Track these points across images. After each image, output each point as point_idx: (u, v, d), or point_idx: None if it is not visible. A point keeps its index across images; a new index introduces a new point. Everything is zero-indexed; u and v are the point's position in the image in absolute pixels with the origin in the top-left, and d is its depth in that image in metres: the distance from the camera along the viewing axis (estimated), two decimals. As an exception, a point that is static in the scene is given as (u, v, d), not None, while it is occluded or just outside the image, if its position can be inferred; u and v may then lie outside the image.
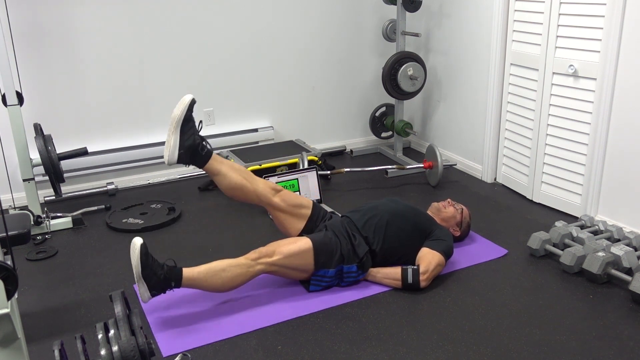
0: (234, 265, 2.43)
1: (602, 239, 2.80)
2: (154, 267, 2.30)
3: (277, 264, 2.47)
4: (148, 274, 2.28)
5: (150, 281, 2.29)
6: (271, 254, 2.47)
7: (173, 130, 2.38)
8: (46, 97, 3.66)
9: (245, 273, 2.44)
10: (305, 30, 4.27)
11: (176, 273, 2.35)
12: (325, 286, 2.59)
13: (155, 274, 2.29)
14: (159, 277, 2.31)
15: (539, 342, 2.23)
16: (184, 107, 2.41)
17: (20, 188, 3.41)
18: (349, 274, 2.59)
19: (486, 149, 3.87)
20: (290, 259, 2.48)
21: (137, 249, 2.26)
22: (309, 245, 2.51)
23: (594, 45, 3.00)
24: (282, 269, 2.50)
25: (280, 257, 2.46)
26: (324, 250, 2.53)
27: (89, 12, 3.62)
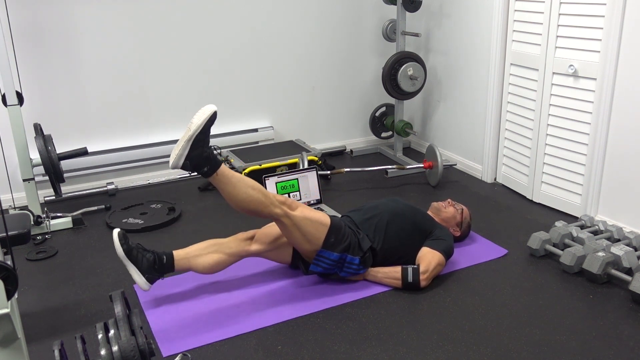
0: (263, 192, 2.39)
1: (602, 239, 2.80)
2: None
3: (293, 219, 2.44)
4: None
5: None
6: (294, 208, 2.47)
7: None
8: (46, 97, 3.66)
9: (265, 204, 2.38)
10: (305, 30, 4.27)
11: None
12: (324, 268, 2.57)
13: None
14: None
15: (539, 342, 2.23)
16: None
17: (20, 188, 3.42)
18: (351, 265, 2.58)
19: (486, 149, 3.87)
20: (306, 222, 2.47)
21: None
22: (328, 221, 2.52)
23: (594, 45, 3.00)
24: (293, 227, 2.46)
25: (299, 214, 2.46)
26: (337, 233, 2.53)
27: (89, 12, 3.63)
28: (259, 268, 2.80)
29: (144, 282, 2.35)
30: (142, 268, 2.35)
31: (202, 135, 2.25)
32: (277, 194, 2.52)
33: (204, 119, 2.25)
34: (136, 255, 2.36)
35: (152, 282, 2.40)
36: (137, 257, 2.36)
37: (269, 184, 3.24)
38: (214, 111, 2.28)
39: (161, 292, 2.60)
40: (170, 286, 2.65)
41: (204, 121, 2.24)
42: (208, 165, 2.28)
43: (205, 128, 2.26)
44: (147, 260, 2.37)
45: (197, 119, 2.26)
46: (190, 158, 2.26)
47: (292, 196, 3.31)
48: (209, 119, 2.25)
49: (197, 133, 2.23)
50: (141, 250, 2.40)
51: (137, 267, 2.34)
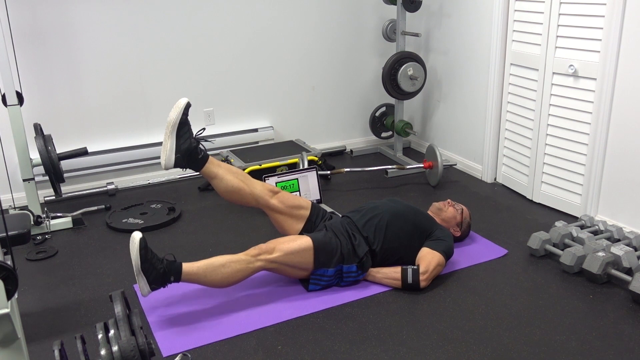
0: (234, 261, 2.43)
1: (602, 239, 2.80)
2: (153, 261, 2.30)
3: (277, 261, 2.47)
4: (147, 267, 2.28)
5: (150, 275, 2.29)
6: (271, 250, 2.48)
7: (169, 134, 2.37)
8: (46, 97, 3.66)
9: (244, 269, 2.44)
10: (305, 30, 4.27)
11: (176, 267, 2.36)
12: (324, 285, 2.59)
13: (154, 268, 2.30)
14: (159, 271, 2.31)
15: (539, 342, 2.23)
16: (179, 110, 2.39)
17: (20, 188, 3.42)
18: (349, 273, 2.59)
19: (486, 149, 3.87)
20: (290, 257, 2.48)
21: (136, 243, 2.26)
22: (309, 244, 2.51)
23: (594, 45, 3.00)
24: (281, 267, 2.50)
25: (280, 254, 2.46)
26: (324, 250, 2.53)
27: (89, 12, 3.63)
28: (259, 268, 2.80)
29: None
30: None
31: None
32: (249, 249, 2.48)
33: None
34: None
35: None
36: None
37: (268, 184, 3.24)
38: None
39: (161, 293, 2.59)
40: (170, 286, 2.63)
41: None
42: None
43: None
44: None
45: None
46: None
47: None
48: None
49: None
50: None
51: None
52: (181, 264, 2.38)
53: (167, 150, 2.34)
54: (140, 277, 2.29)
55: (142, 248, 2.27)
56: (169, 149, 2.35)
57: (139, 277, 2.29)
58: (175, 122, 2.37)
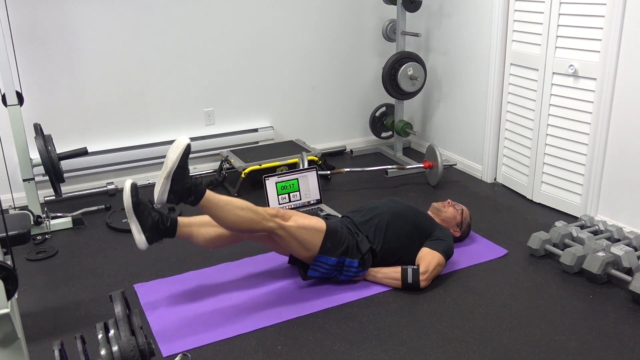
0: (252, 210, 2.39)
1: (602, 239, 2.80)
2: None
3: (288, 229, 2.45)
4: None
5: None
6: (287, 218, 2.48)
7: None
8: (46, 97, 3.66)
9: (257, 221, 2.39)
10: (305, 30, 4.27)
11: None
12: (323, 273, 2.58)
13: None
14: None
15: (539, 342, 2.23)
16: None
17: (20, 188, 3.42)
18: (350, 268, 2.58)
19: (486, 149, 3.87)
20: (301, 231, 2.47)
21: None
22: (323, 227, 2.51)
23: (594, 45, 3.00)
24: (289, 237, 2.47)
25: (293, 224, 2.46)
26: (333, 237, 2.53)
27: (89, 12, 3.63)
28: (259, 268, 2.80)
29: (142, 241, 2.29)
30: (144, 225, 2.29)
31: (180, 170, 2.25)
32: (268, 208, 2.50)
33: (178, 154, 2.24)
34: (142, 210, 2.29)
35: (150, 243, 2.32)
36: (143, 213, 2.29)
37: (269, 184, 3.24)
38: (187, 144, 2.26)
39: (161, 292, 2.60)
40: (170, 286, 2.65)
41: (179, 155, 2.23)
42: (192, 195, 2.28)
43: (182, 162, 2.24)
44: (152, 218, 2.31)
45: (172, 153, 2.25)
46: (173, 192, 2.26)
47: (292, 196, 3.31)
48: (183, 152, 2.24)
49: (175, 168, 2.23)
50: (148, 207, 2.33)
51: (139, 223, 2.28)
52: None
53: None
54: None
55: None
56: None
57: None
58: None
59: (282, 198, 3.28)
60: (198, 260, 2.89)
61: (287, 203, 3.29)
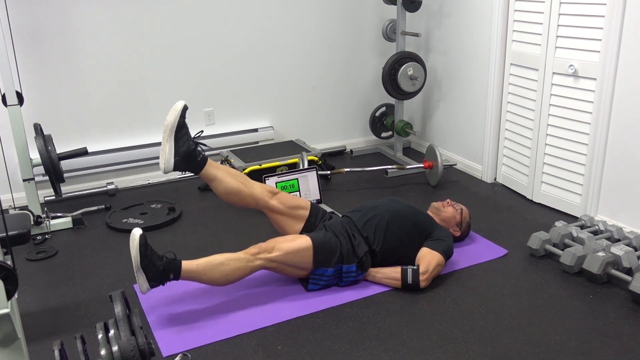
0: (233, 259, 2.43)
1: (602, 239, 2.80)
2: (153, 259, 2.30)
3: (276, 260, 2.47)
4: (147, 265, 2.28)
5: (149, 272, 2.29)
6: (270, 249, 2.48)
7: (167, 137, 2.35)
8: (46, 97, 3.66)
9: (244, 267, 2.44)
10: (305, 30, 4.27)
11: (175, 265, 2.36)
12: (323, 285, 2.59)
13: (154, 265, 2.30)
14: (158, 269, 2.32)
15: (539, 342, 2.23)
16: (177, 113, 2.38)
17: (20, 188, 3.42)
18: (349, 273, 2.59)
19: (486, 149, 3.87)
20: (290, 256, 2.48)
21: (136, 239, 2.26)
22: (309, 244, 2.51)
23: (594, 45, 3.00)
24: (280, 266, 2.50)
25: (279, 253, 2.47)
26: (323, 250, 2.53)
27: (89, 12, 3.63)
28: (259, 268, 2.80)
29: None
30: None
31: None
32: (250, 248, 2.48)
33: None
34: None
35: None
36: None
37: (268, 184, 3.24)
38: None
39: (161, 292, 2.59)
40: (170, 286, 2.64)
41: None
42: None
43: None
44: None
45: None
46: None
47: (292, 196, 3.31)
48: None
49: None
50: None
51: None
52: (181, 262, 2.38)
53: (166, 153, 2.33)
54: (139, 274, 2.29)
55: (142, 245, 2.27)
56: (168, 153, 2.34)
57: (138, 274, 2.29)
58: (173, 125, 2.36)
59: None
60: (198, 260, 2.89)
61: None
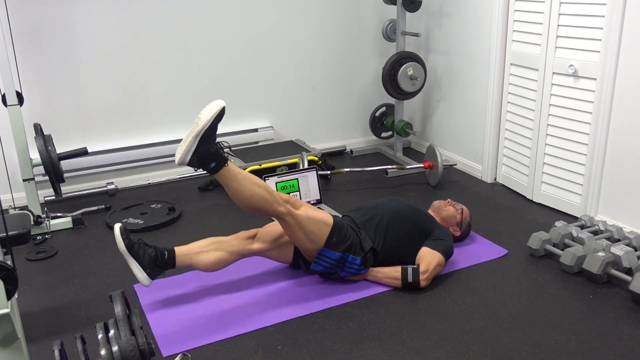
0: (268, 190, 2.38)
1: (602, 239, 2.80)
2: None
3: (297, 217, 2.44)
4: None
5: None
6: (298, 207, 2.47)
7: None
8: (46, 97, 3.66)
9: (270, 202, 2.37)
10: (306, 30, 4.27)
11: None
12: (326, 267, 2.57)
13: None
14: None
15: (539, 342, 2.23)
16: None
17: (20, 188, 3.41)
18: (352, 264, 2.58)
19: (486, 149, 3.87)
20: (309, 222, 2.46)
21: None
22: (330, 221, 2.52)
23: (594, 45, 3.00)
24: (296, 226, 2.46)
25: (302, 213, 2.45)
26: (339, 232, 2.53)
27: (89, 12, 3.63)
28: (259, 268, 2.80)
29: (145, 278, 2.34)
30: (143, 263, 2.33)
31: (210, 131, 2.22)
32: (282, 193, 2.51)
33: (212, 115, 2.21)
34: (137, 250, 2.34)
35: (153, 278, 2.38)
36: (139, 252, 2.33)
37: (269, 184, 3.24)
38: (223, 106, 2.24)
39: (161, 293, 2.60)
40: (170, 286, 2.65)
41: (213, 117, 2.20)
42: (215, 161, 2.26)
43: (214, 124, 2.22)
44: (148, 255, 2.35)
45: (205, 114, 2.21)
46: (197, 154, 2.23)
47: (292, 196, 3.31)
48: (217, 114, 2.22)
49: (206, 129, 2.19)
50: (143, 246, 2.38)
51: (138, 262, 2.33)
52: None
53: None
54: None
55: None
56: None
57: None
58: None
59: None
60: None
61: (287, 203, 3.29)
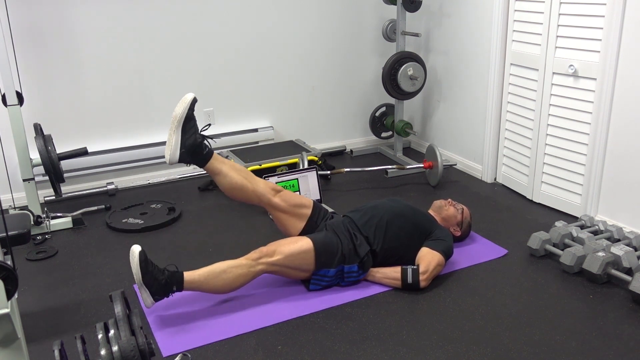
0: (234, 266, 2.43)
1: (602, 239, 2.80)
2: (154, 273, 2.31)
3: (278, 263, 2.47)
4: (149, 280, 2.29)
5: (152, 287, 2.30)
6: (272, 253, 2.47)
7: (174, 129, 2.35)
8: (46, 97, 3.66)
9: (246, 273, 2.44)
10: (305, 30, 4.27)
11: (177, 277, 2.36)
12: (325, 285, 2.59)
13: (156, 279, 2.31)
14: (160, 282, 2.32)
15: (539, 342, 2.23)
16: (186, 105, 2.39)
17: (20, 188, 3.42)
18: (350, 273, 2.59)
19: (486, 149, 3.87)
20: (291, 259, 2.48)
21: (135, 256, 2.27)
22: (310, 246, 2.51)
23: (594, 45, 3.00)
24: (283, 269, 2.50)
25: (281, 257, 2.46)
26: (325, 251, 2.53)
27: (89, 12, 3.62)
28: (259, 268, 2.80)
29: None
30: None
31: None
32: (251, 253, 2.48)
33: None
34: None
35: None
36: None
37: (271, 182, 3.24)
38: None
39: (161, 292, 2.60)
40: (170, 286, 2.65)
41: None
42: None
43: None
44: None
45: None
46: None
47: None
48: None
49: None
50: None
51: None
52: (183, 274, 2.38)
53: (172, 145, 2.34)
54: (143, 290, 2.30)
55: (142, 261, 2.27)
56: (174, 144, 2.35)
57: (141, 290, 2.30)
58: (181, 117, 2.37)
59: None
60: (198, 260, 2.89)
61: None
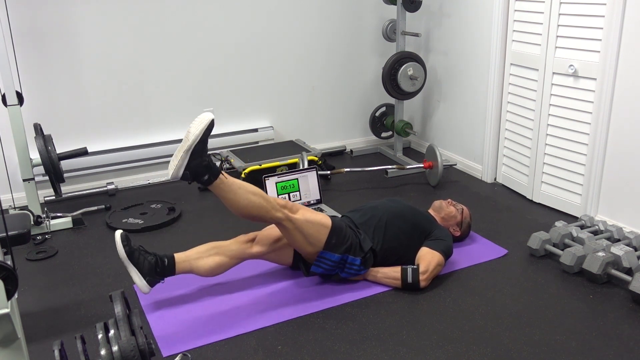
0: (264, 197, 2.38)
1: (602, 239, 2.80)
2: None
3: (295, 222, 2.44)
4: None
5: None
6: (295, 211, 2.47)
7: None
8: (46, 97, 3.66)
9: (267, 209, 2.37)
10: (305, 30, 4.27)
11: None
12: (325, 269, 2.57)
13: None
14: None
15: (539, 342, 2.23)
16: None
17: (20, 188, 3.42)
18: (352, 266, 2.58)
19: (486, 149, 3.87)
20: (307, 225, 2.46)
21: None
22: (329, 223, 2.52)
23: (594, 45, 3.00)
24: (294, 230, 2.46)
25: (300, 217, 2.46)
26: (338, 234, 2.53)
27: (89, 12, 3.63)
28: (259, 269, 2.80)
29: (144, 285, 2.34)
30: (143, 270, 2.33)
31: (200, 145, 2.20)
32: (278, 198, 2.51)
33: (201, 129, 2.18)
34: (138, 257, 2.34)
35: (152, 285, 2.38)
36: (139, 259, 2.34)
37: (269, 184, 3.25)
38: (212, 119, 2.21)
39: (161, 293, 2.59)
40: (170, 286, 2.64)
41: (202, 130, 2.18)
42: (208, 173, 2.25)
43: (204, 137, 2.20)
44: (148, 262, 2.36)
45: (195, 128, 2.19)
46: (189, 168, 2.22)
47: (292, 196, 3.32)
48: (206, 128, 2.20)
49: (196, 143, 2.18)
50: (143, 253, 2.38)
51: (138, 270, 2.33)
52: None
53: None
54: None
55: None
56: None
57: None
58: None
59: (282, 198, 3.28)
60: (198, 260, 2.89)
61: (287, 203, 3.29)
